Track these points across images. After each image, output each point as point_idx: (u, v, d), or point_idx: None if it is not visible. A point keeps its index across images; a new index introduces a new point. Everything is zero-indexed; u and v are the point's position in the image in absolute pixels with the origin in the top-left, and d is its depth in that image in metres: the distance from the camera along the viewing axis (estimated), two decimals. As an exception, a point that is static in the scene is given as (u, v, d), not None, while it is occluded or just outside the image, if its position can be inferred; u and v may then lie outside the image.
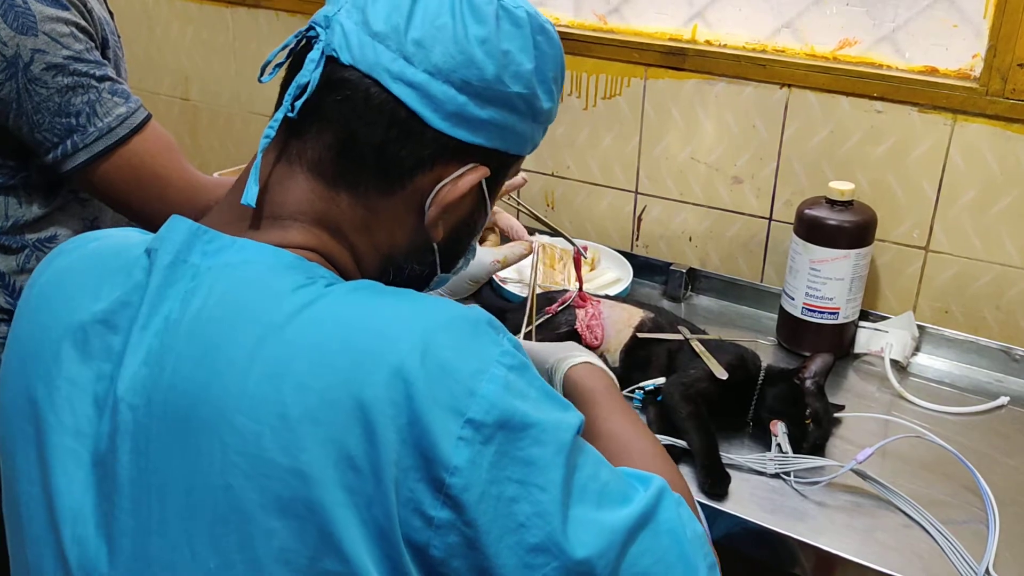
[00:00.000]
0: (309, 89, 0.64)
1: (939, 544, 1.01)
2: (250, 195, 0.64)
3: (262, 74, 0.70)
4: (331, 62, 0.65)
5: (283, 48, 0.69)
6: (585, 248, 1.54)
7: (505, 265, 1.20)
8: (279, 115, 0.65)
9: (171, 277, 0.63)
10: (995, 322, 1.43)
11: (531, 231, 1.67)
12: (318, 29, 0.65)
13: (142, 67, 2.17)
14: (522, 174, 1.25)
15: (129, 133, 1.03)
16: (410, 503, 0.55)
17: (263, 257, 0.63)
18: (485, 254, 1.16)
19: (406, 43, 0.64)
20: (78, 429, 0.63)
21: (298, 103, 0.64)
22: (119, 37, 1.16)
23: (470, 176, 0.68)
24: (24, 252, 1.10)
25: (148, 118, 1.05)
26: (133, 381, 0.61)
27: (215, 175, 1.62)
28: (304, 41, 0.68)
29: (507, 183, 0.77)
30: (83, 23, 1.02)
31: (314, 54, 0.64)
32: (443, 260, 0.74)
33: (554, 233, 1.33)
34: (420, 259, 0.72)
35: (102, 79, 1.02)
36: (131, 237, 0.70)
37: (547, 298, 1.35)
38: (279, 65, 0.71)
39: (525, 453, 0.57)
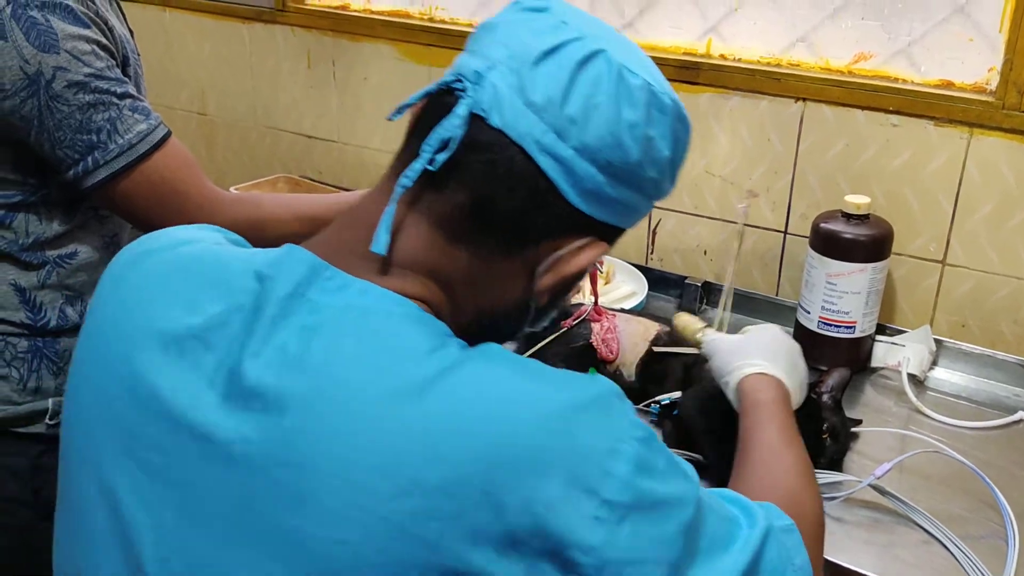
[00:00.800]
0: (452, 145, 0.63)
1: (958, 560, 1.01)
2: (380, 244, 0.63)
3: (397, 112, 0.69)
4: (476, 120, 0.63)
5: (424, 95, 0.68)
6: (601, 262, 1.54)
7: None
8: (417, 166, 0.63)
9: (287, 309, 0.62)
10: (1013, 336, 1.42)
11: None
12: (466, 83, 0.64)
13: (160, 82, 2.19)
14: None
15: (149, 150, 1.04)
16: None
17: (389, 306, 0.62)
18: None
19: (561, 118, 0.63)
20: (161, 445, 0.62)
21: (440, 157, 0.63)
22: (139, 55, 1.17)
23: (590, 252, 0.68)
24: (45, 268, 1.11)
25: (168, 135, 1.06)
26: (245, 413, 0.59)
27: (231, 189, 1.63)
28: (444, 89, 0.66)
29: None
30: (104, 41, 1.03)
31: (461, 110, 0.63)
32: (533, 319, 0.74)
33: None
34: (516, 318, 0.72)
35: (123, 96, 1.03)
36: (226, 247, 0.69)
37: (563, 311, 1.35)
38: (404, 107, 0.69)
39: (655, 531, 0.58)
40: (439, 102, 0.65)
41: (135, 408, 0.63)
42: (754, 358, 0.98)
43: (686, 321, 1.15)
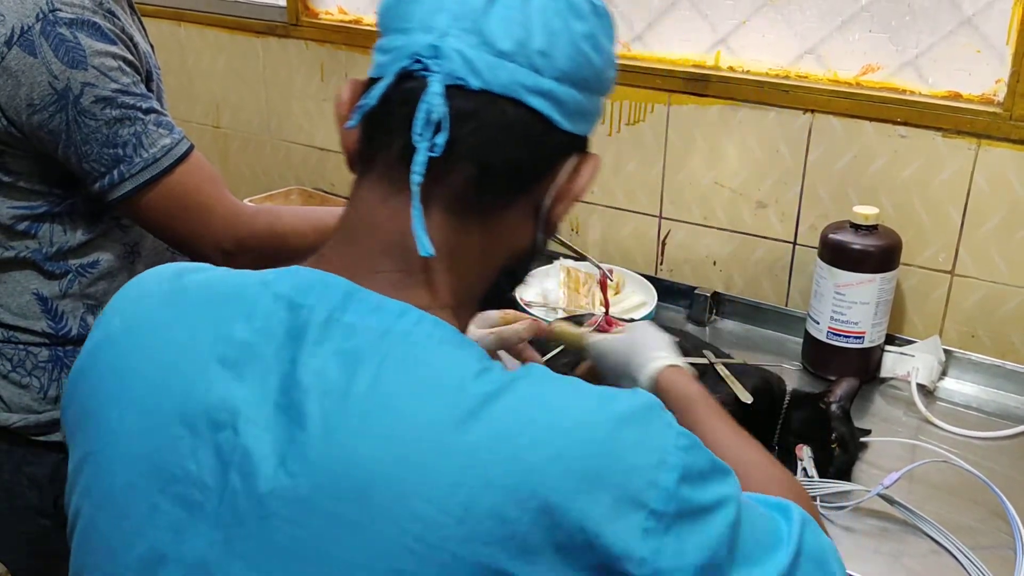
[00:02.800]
0: (445, 123, 0.61)
1: (966, 570, 1.01)
2: (425, 247, 0.62)
3: (355, 119, 0.66)
4: (453, 91, 0.62)
5: (382, 91, 0.64)
6: (611, 271, 1.55)
7: (501, 342, 1.08)
8: (421, 157, 0.61)
9: (323, 335, 0.61)
10: (1022, 346, 1.42)
11: (556, 254, 1.69)
12: (426, 61, 0.62)
13: (175, 95, 2.22)
14: None
15: (173, 163, 1.06)
16: None
17: (428, 329, 0.61)
18: (475, 333, 1.09)
19: (533, 55, 0.63)
20: (200, 480, 0.60)
21: (439, 139, 0.61)
22: (160, 70, 1.19)
23: (588, 167, 0.69)
24: (67, 277, 1.13)
25: (191, 149, 1.08)
26: (291, 445, 0.58)
27: (245, 202, 1.65)
28: (399, 79, 0.64)
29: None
30: (130, 57, 1.05)
31: (436, 87, 0.61)
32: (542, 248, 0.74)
33: (579, 257, 1.34)
34: (530, 257, 0.72)
35: (148, 111, 1.05)
36: (237, 275, 0.67)
37: (573, 322, 1.36)
38: (364, 109, 0.66)
39: (700, 537, 0.59)
40: (401, 91, 0.63)
41: (174, 452, 0.62)
42: (656, 351, 0.97)
43: (564, 327, 1.12)
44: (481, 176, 0.64)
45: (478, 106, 0.62)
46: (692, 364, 1.25)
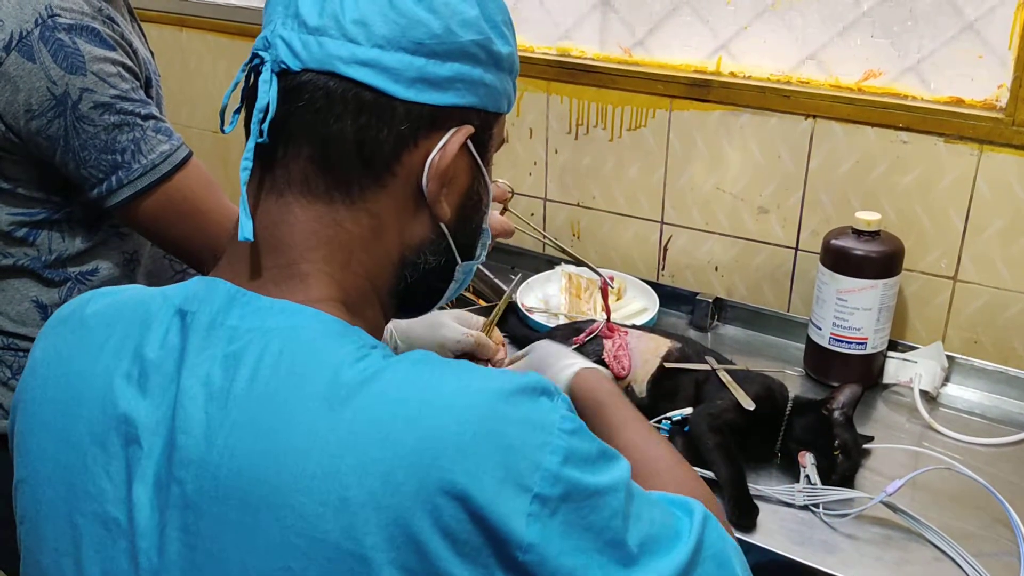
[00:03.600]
0: (271, 109, 0.62)
1: (971, 578, 1.01)
2: (246, 230, 0.63)
3: (223, 123, 0.68)
4: (283, 76, 0.63)
5: (234, 88, 0.68)
6: (612, 278, 1.55)
7: (479, 349, 1.15)
8: (249, 144, 0.63)
9: (208, 340, 0.62)
10: (1025, 352, 1.42)
11: (558, 261, 1.69)
12: (261, 54, 0.64)
13: (176, 100, 2.22)
14: (504, 184, 1.26)
15: (172, 170, 1.05)
16: None
17: (308, 323, 0.62)
18: (456, 330, 1.14)
19: (347, 26, 0.62)
20: (116, 497, 0.62)
21: (264, 125, 0.63)
22: (160, 76, 1.19)
23: (455, 137, 0.66)
24: (67, 285, 1.13)
25: (190, 155, 1.08)
26: (180, 453, 0.59)
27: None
28: (251, 75, 0.67)
29: (495, 194, 0.73)
30: (129, 63, 1.05)
31: (264, 75, 0.63)
32: (459, 247, 0.72)
33: (580, 264, 1.34)
34: (434, 249, 0.70)
35: (147, 117, 1.04)
36: (150, 291, 0.68)
37: (574, 328, 1.36)
38: (238, 111, 0.69)
39: (587, 521, 0.58)
40: (251, 88, 0.66)
41: (87, 472, 0.63)
42: (567, 358, 0.97)
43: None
44: (321, 155, 0.64)
45: (303, 85, 0.63)
46: (693, 370, 1.25)
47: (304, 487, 0.56)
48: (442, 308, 0.86)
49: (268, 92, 0.63)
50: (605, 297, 1.33)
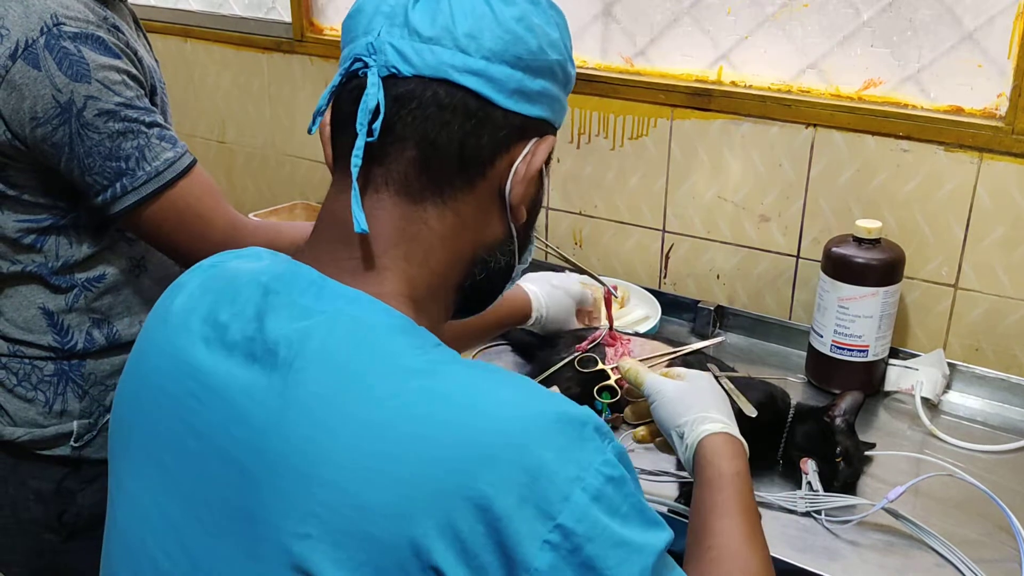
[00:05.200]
0: (381, 109, 0.66)
1: (973, 584, 1.01)
2: (360, 222, 0.66)
3: (313, 123, 0.72)
4: (389, 81, 0.67)
5: (330, 92, 0.71)
6: (615, 288, 1.55)
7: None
8: (359, 142, 0.66)
9: (280, 314, 0.65)
10: (1027, 359, 1.42)
11: (560, 269, 1.69)
12: (365, 58, 0.68)
13: (180, 110, 2.23)
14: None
15: (175, 177, 1.06)
16: None
17: (378, 316, 0.65)
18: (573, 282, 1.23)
19: (459, 37, 0.67)
20: (168, 444, 0.67)
21: (376, 124, 0.66)
22: (165, 84, 1.20)
23: (542, 147, 0.72)
24: (73, 291, 1.13)
25: (194, 163, 1.09)
26: (236, 411, 0.63)
27: (249, 216, 1.66)
28: (347, 79, 0.70)
29: None
30: (134, 71, 1.06)
31: (373, 78, 0.67)
32: (519, 247, 0.76)
33: (582, 273, 1.35)
34: (503, 250, 0.74)
35: (151, 125, 1.05)
36: (249, 264, 0.73)
37: (577, 336, 1.36)
38: (320, 113, 0.72)
39: (608, 572, 0.56)
40: (349, 90, 0.69)
41: (167, 421, 0.68)
42: (712, 411, 0.95)
43: (630, 363, 1.09)
44: (424, 157, 0.67)
45: (413, 90, 0.67)
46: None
47: (336, 461, 0.58)
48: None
49: (377, 94, 0.66)
50: (608, 306, 1.34)
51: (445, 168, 0.68)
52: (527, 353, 1.45)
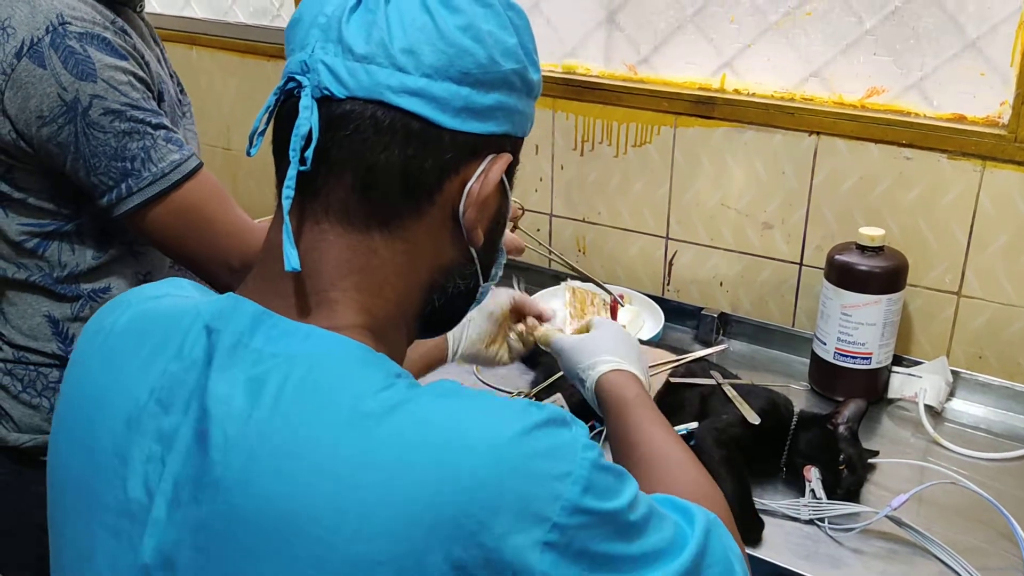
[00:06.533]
0: (314, 135, 0.62)
1: (976, 592, 1.01)
2: (292, 260, 0.62)
3: (251, 146, 0.68)
4: (324, 103, 0.62)
5: (265, 112, 0.66)
6: (622, 296, 1.56)
7: (520, 300, 1.16)
8: (291, 172, 0.62)
9: (231, 360, 0.61)
10: (1030, 367, 1.42)
11: (563, 276, 1.69)
12: (298, 78, 0.63)
13: (185, 118, 2.25)
14: (515, 203, 1.28)
15: (182, 179, 1.06)
16: None
17: (333, 350, 0.61)
18: (499, 297, 1.15)
19: (396, 54, 0.62)
20: (129, 511, 0.62)
21: (308, 153, 0.62)
22: (181, 97, 1.20)
23: (497, 165, 0.67)
24: (79, 301, 1.13)
25: (200, 166, 1.08)
26: (197, 473, 0.59)
27: (256, 222, 1.66)
28: (284, 98, 0.65)
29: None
30: (140, 73, 1.06)
31: (305, 101, 0.62)
32: (482, 268, 0.72)
33: (586, 281, 1.35)
34: (462, 273, 0.70)
35: (157, 127, 1.05)
36: (179, 303, 0.68)
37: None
38: (262, 133, 0.68)
39: (603, 549, 0.58)
40: (287, 110, 0.65)
41: (102, 481, 0.64)
42: (605, 355, 0.98)
43: (544, 329, 1.13)
44: (364, 184, 0.63)
45: (348, 113, 0.62)
46: (698, 384, 1.26)
47: (317, 515, 0.55)
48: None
49: (310, 118, 0.62)
50: (614, 315, 1.34)
51: (388, 195, 0.63)
52: (530, 361, 1.45)
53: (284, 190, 0.62)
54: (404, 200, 0.64)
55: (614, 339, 1.02)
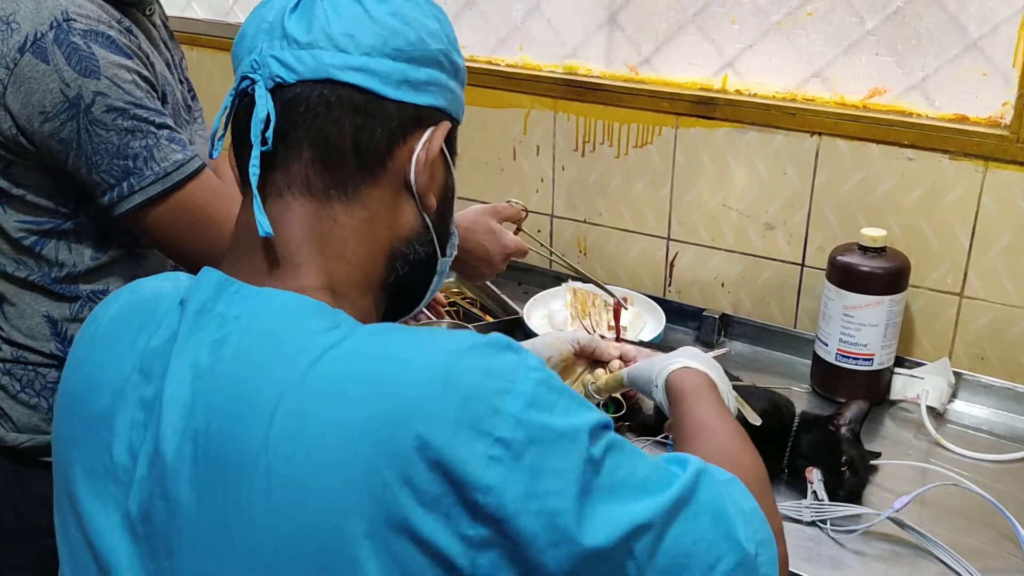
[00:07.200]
0: (272, 117, 0.69)
1: (979, 594, 1.00)
2: (264, 226, 0.68)
3: (214, 147, 0.75)
4: (277, 91, 0.70)
5: (223, 114, 0.73)
6: (626, 299, 1.56)
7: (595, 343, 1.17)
8: (255, 152, 0.69)
9: (197, 325, 0.67)
10: (1033, 369, 1.42)
11: (564, 277, 1.69)
12: (251, 76, 0.71)
13: (186, 118, 2.24)
14: (518, 204, 1.29)
15: (184, 179, 1.05)
16: (447, 528, 0.57)
17: (289, 305, 0.66)
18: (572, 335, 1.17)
19: (337, 38, 0.69)
20: (115, 475, 0.67)
21: (269, 133, 0.69)
22: (191, 103, 1.20)
23: (437, 132, 0.73)
24: (78, 302, 1.13)
25: (203, 166, 1.08)
26: (172, 431, 0.64)
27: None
28: (239, 99, 0.73)
29: (508, 214, 0.80)
30: (145, 73, 1.06)
31: (260, 91, 0.69)
32: (439, 239, 0.77)
33: (587, 282, 1.35)
34: (420, 240, 0.75)
35: (161, 126, 1.05)
36: (164, 287, 0.74)
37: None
38: (221, 137, 0.75)
39: (554, 465, 0.59)
40: (243, 108, 0.72)
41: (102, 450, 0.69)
42: (674, 357, 1.00)
43: (602, 378, 1.13)
44: (322, 156, 0.69)
45: (300, 94, 0.69)
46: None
47: (272, 447, 0.59)
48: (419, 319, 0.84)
49: (266, 104, 0.69)
50: (617, 317, 1.33)
51: (344, 165, 0.70)
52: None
53: (251, 168, 0.69)
54: (359, 168, 0.70)
55: (678, 352, 1.04)
